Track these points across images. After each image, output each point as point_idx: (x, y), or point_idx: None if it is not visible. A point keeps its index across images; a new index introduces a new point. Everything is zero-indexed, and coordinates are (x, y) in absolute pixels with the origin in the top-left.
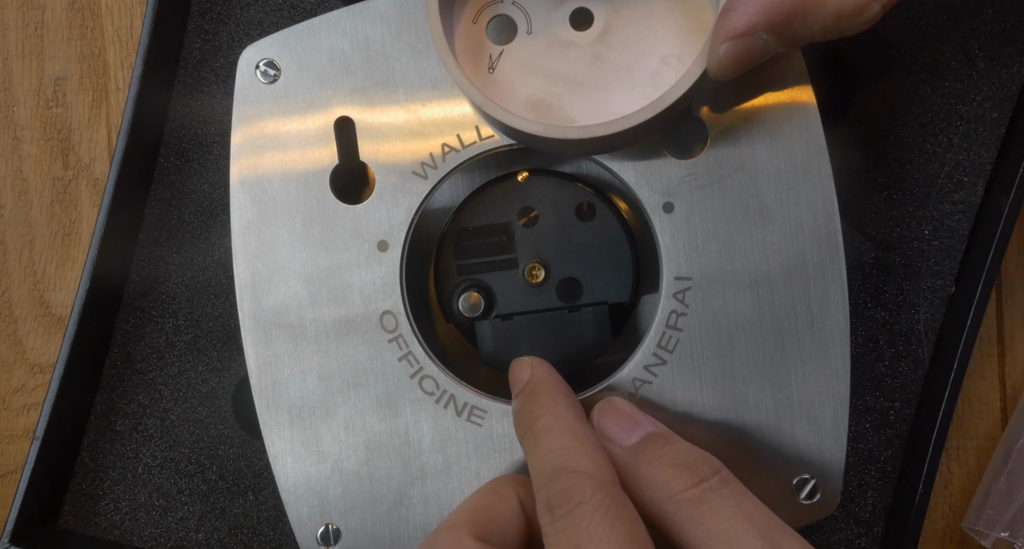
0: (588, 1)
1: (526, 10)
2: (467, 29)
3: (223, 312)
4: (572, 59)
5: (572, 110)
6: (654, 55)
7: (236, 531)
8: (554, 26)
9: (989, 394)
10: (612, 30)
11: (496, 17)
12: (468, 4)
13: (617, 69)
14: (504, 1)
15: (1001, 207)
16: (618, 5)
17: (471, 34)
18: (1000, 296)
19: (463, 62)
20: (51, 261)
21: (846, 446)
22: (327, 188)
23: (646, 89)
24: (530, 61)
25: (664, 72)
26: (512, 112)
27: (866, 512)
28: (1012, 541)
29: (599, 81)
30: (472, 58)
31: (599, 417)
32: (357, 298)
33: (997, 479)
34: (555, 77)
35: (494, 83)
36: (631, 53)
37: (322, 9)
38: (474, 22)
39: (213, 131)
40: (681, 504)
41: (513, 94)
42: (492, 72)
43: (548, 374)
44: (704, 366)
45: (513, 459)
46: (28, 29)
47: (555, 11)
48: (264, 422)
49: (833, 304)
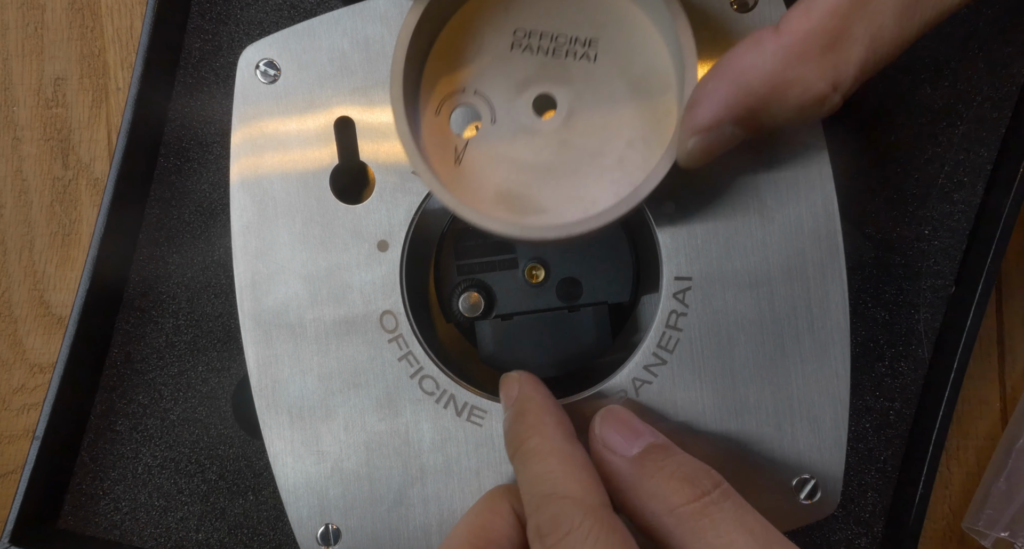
0: (550, 87)
1: (489, 99)
2: (431, 122)
3: (223, 312)
4: (538, 146)
5: (542, 198)
6: (620, 139)
7: (236, 531)
8: (518, 114)
9: (989, 394)
10: (576, 116)
11: (459, 108)
12: (430, 97)
13: (584, 155)
14: (466, 91)
15: (1001, 207)
16: (580, 90)
17: (435, 127)
18: (1000, 296)
19: (429, 155)
20: (51, 261)
21: (846, 446)
22: (327, 188)
23: (614, 173)
24: (497, 150)
25: (631, 156)
26: (487, 214)
27: (866, 512)
28: (1012, 541)
29: (567, 167)
30: (438, 151)
31: (601, 426)
32: (357, 298)
33: (997, 479)
34: (523, 165)
35: (462, 175)
36: (597, 138)
37: (322, 9)
38: (437, 114)
39: (213, 131)
40: (682, 517)
41: (482, 185)
42: (459, 164)
43: (535, 391)
44: (704, 366)
45: None
46: (28, 29)
47: (518, 99)
48: (264, 422)
49: (833, 304)
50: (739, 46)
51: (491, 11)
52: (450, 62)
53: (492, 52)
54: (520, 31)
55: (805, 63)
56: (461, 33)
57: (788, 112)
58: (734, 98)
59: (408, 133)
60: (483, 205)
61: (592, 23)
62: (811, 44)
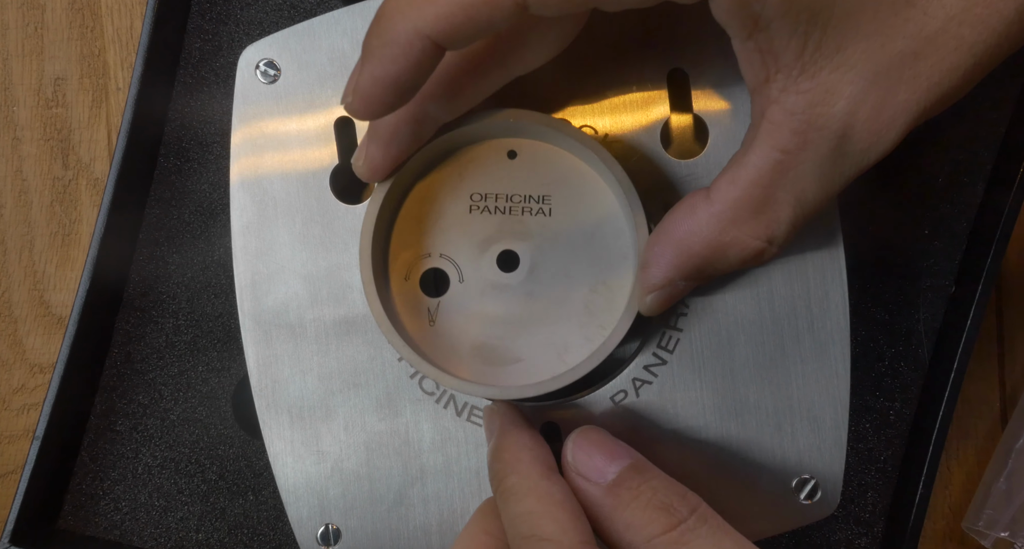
0: (511, 244)
1: (454, 260)
2: (401, 287)
3: (223, 312)
4: (507, 300)
5: (516, 348)
6: (583, 285)
7: (236, 531)
8: (484, 272)
9: (989, 394)
10: (539, 267)
11: (427, 271)
12: (397, 263)
13: (551, 303)
14: (431, 255)
15: (1001, 207)
16: (539, 243)
17: (406, 292)
18: (1000, 296)
19: (403, 319)
20: (51, 261)
21: (846, 446)
22: (327, 188)
23: (581, 317)
24: (468, 308)
25: (595, 300)
26: (465, 379)
27: (866, 512)
28: (1012, 541)
29: (536, 317)
30: (412, 314)
31: (573, 452)
32: (357, 298)
33: (997, 479)
34: (494, 319)
35: (437, 334)
36: (561, 286)
37: (322, 9)
38: (406, 280)
39: (213, 131)
40: (659, 548)
41: (458, 342)
42: (433, 324)
43: (513, 424)
44: (704, 366)
45: None
46: (28, 29)
47: (482, 257)
48: (264, 422)
49: (833, 304)
50: (676, 211)
51: (447, 180)
52: (414, 230)
53: (452, 217)
54: (476, 195)
55: (738, 227)
56: (421, 203)
57: (731, 266)
58: (679, 261)
59: (384, 316)
60: (460, 361)
61: (542, 181)
62: (740, 211)
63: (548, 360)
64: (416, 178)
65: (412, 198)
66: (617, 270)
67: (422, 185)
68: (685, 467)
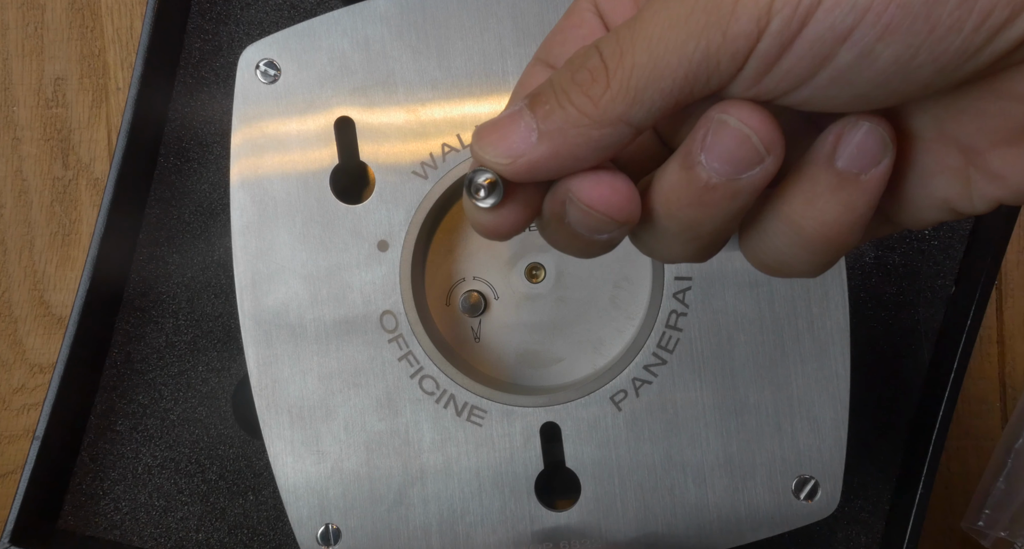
0: (536, 256)
1: (487, 280)
2: (443, 313)
3: (223, 312)
4: (540, 308)
5: (556, 350)
6: (607, 283)
7: (236, 531)
8: (515, 285)
9: (989, 394)
10: (564, 274)
11: (464, 295)
12: (433, 292)
13: (580, 304)
14: (465, 279)
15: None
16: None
17: (449, 317)
18: (1000, 296)
19: (451, 343)
20: (51, 261)
21: (846, 446)
22: (327, 188)
23: (610, 312)
24: (506, 321)
25: (620, 294)
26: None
27: (866, 512)
28: (1012, 541)
29: (569, 319)
30: (458, 336)
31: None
32: (357, 298)
33: (997, 479)
34: (533, 327)
35: (483, 349)
36: (587, 288)
37: (322, 9)
38: (447, 305)
39: (213, 131)
40: None
41: (503, 353)
42: (479, 341)
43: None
44: (704, 366)
45: (513, 459)
46: (28, 29)
47: (511, 272)
48: (264, 422)
49: (833, 304)
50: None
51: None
52: (446, 259)
53: (477, 241)
54: None
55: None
56: (448, 234)
57: None
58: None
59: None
60: (507, 369)
61: None
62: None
63: (586, 355)
64: (441, 215)
65: (440, 233)
66: (635, 264)
67: (447, 219)
68: (685, 467)
